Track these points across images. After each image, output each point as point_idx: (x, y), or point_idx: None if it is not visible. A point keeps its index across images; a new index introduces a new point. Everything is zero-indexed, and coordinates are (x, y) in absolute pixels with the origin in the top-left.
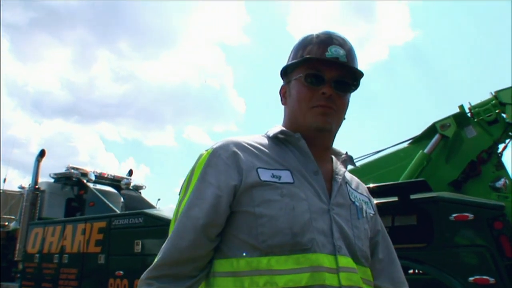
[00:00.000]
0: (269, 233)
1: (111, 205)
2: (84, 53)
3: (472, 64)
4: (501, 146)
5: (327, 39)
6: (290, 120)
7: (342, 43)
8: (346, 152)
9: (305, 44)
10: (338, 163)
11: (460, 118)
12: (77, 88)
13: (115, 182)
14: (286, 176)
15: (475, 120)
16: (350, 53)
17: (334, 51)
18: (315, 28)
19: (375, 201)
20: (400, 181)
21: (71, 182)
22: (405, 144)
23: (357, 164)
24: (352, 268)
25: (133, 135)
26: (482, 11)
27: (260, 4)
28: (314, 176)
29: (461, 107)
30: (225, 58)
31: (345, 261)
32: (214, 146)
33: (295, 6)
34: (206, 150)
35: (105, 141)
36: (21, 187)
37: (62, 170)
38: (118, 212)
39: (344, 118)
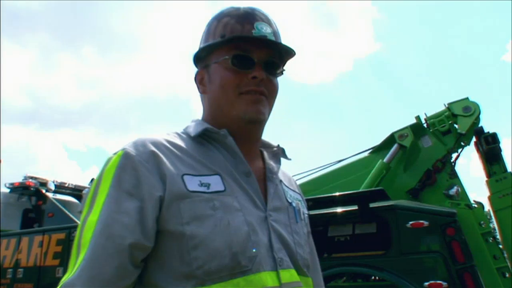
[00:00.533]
0: (204, 257)
1: (71, 216)
2: (46, 57)
3: (430, 74)
4: (454, 156)
5: (251, 15)
6: (213, 111)
7: (266, 19)
8: (278, 145)
9: (221, 19)
10: (269, 158)
11: (416, 129)
12: (38, 94)
13: (76, 191)
14: (215, 183)
15: (431, 130)
16: (276, 30)
17: (260, 28)
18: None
19: (339, 209)
20: (359, 190)
21: (29, 192)
22: (366, 154)
23: (321, 173)
24: (296, 281)
25: (97, 143)
26: (441, 24)
27: None
28: (246, 178)
29: (418, 117)
30: (192, 68)
31: (288, 275)
32: (127, 147)
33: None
34: (115, 153)
35: (68, 149)
36: None
37: (19, 179)
38: (79, 223)
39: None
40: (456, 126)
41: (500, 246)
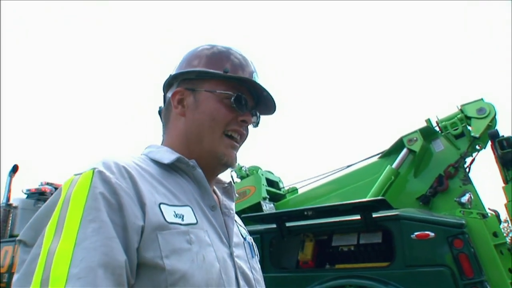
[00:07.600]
0: None
1: None
2: None
3: (442, 75)
4: (468, 160)
5: (247, 64)
6: (188, 138)
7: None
8: (231, 181)
9: (225, 54)
10: (221, 193)
11: (427, 132)
12: None
13: None
14: (188, 215)
15: (442, 133)
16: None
17: (256, 79)
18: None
19: (343, 218)
20: (361, 200)
21: (45, 197)
22: (375, 159)
23: (330, 178)
24: None
25: None
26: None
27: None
28: (212, 212)
29: (428, 121)
30: None
31: None
32: (99, 167)
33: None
34: (80, 173)
35: None
36: None
37: (35, 185)
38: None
39: None
40: (469, 128)
41: None
